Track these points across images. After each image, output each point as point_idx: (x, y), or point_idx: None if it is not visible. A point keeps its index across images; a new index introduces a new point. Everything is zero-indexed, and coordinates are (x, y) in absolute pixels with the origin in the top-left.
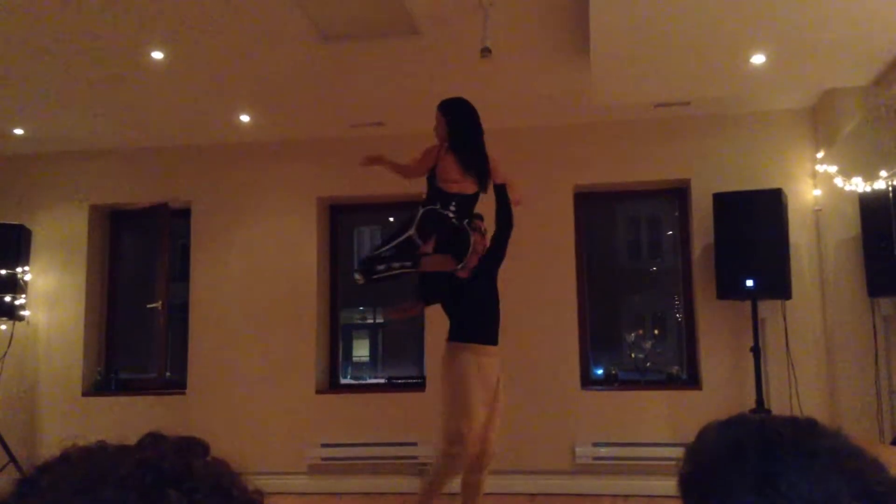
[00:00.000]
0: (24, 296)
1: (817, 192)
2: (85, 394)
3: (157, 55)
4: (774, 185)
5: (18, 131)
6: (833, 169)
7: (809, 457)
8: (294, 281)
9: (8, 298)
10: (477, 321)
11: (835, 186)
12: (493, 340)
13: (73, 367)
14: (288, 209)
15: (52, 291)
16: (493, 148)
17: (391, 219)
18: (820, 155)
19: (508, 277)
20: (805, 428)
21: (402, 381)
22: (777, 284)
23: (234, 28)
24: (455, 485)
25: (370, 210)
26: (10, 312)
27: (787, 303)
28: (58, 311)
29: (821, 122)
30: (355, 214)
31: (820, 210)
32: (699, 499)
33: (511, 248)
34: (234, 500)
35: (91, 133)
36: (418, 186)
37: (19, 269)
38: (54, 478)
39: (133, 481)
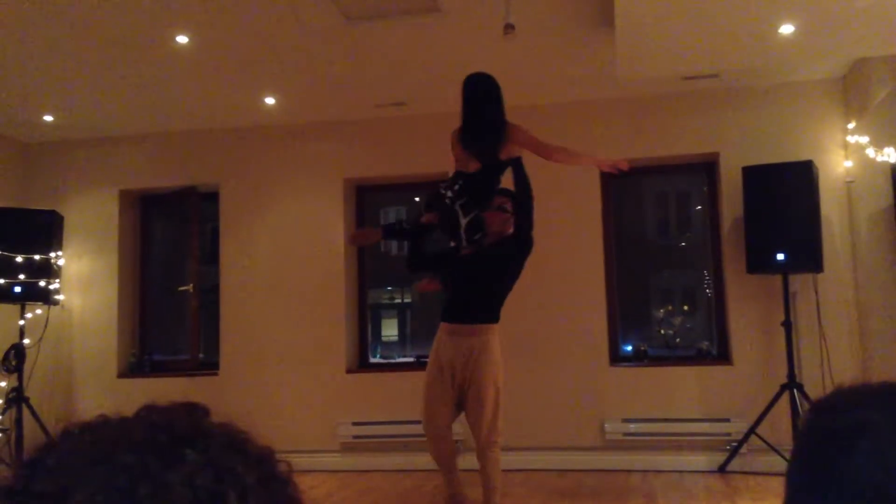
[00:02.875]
0: (57, 280)
1: (849, 164)
2: (120, 376)
3: (183, 39)
4: (805, 157)
5: (48, 118)
6: (864, 139)
7: None
8: (322, 262)
9: (42, 283)
10: (454, 299)
11: (866, 157)
12: (460, 318)
13: (108, 350)
14: (315, 190)
15: (86, 276)
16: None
17: (417, 199)
18: (851, 125)
19: (536, 255)
20: None
21: None
22: (808, 257)
23: (258, 10)
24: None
25: (396, 190)
26: (44, 297)
27: (819, 276)
28: (91, 295)
29: (852, 91)
30: (382, 194)
31: (852, 181)
32: (830, 431)
33: (539, 226)
34: (248, 454)
35: (119, 119)
36: (444, 166)
37: (53, 255)
38: (61, 454)
39: (149, 444)
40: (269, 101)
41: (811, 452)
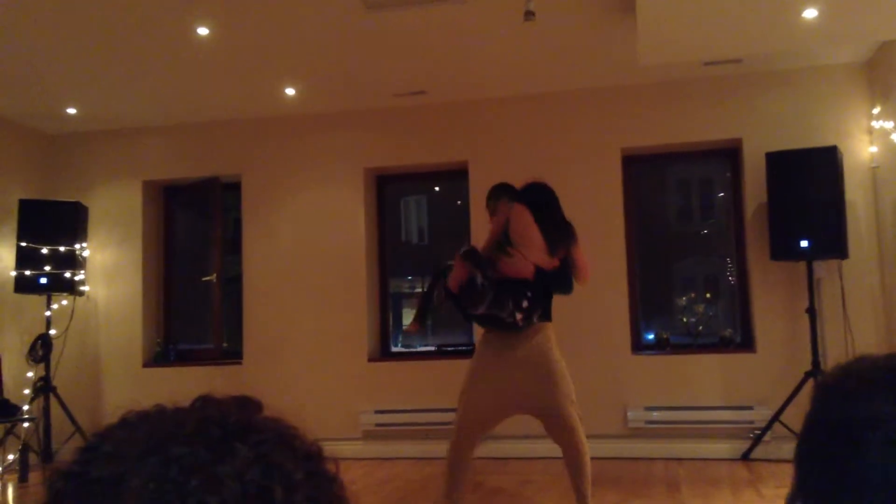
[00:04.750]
0: (82, 271)
1: (873, 149)
2: (146, 365)
3: (203, 31)
4: (829, 143)
5: (72, 111)
6: (889, 124)
7: None
8: (344, 251)
9: (68, 274)
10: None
11: (891, 142)
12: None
13: (134, 340)
14: (336, 180)
15: (110, 266)
16: (540, 113)
17: (437, 188)
18: (876, 110)
19: None
20: None
21: (452, 348)
22: (833, 244)
23: (278, 0)
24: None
25: (417, 179)
26: (70, 288)
27: (844, 262)
28: (116, 286)
29: (877, 76)
30: (402, 184)
31: (877, 167)
32: (840, 422)
33: None
34: (296, 450)
35: (142, 110)
36: (464, 155)
37: (78, 246)
38: (118, 442)
39: (201, 437)
40: (290, 91)
41: (820, 444)
